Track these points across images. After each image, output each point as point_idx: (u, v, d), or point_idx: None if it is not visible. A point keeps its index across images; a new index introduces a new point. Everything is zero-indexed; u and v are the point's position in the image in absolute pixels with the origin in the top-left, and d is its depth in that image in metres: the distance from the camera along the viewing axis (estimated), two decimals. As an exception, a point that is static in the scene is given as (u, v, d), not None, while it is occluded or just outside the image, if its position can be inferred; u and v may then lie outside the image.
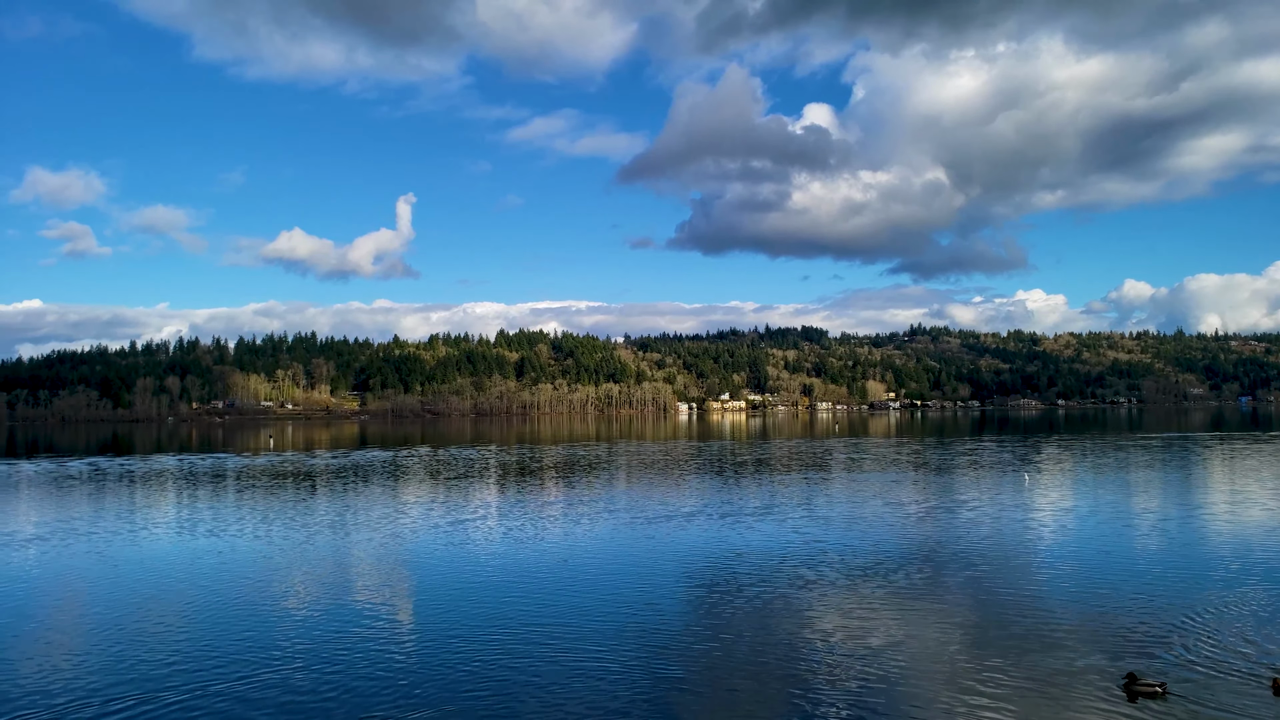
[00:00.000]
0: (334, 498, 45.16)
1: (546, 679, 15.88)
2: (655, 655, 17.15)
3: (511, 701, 14.82)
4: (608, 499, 42.95)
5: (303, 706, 14.65)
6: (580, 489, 48.26)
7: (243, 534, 33.06)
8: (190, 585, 24.25)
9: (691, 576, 24.59)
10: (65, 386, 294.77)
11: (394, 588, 23.86)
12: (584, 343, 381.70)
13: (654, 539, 30.84)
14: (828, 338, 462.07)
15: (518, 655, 17.31)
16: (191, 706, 14.71)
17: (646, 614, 20.36)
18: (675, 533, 32.07)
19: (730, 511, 37.52)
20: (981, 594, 21.99)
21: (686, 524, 34.14)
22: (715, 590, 22.82)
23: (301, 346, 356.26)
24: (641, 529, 33.10)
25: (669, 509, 38.61)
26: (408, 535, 32.44)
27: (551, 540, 30.86)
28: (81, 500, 45.61)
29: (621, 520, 35.45)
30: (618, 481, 52.82)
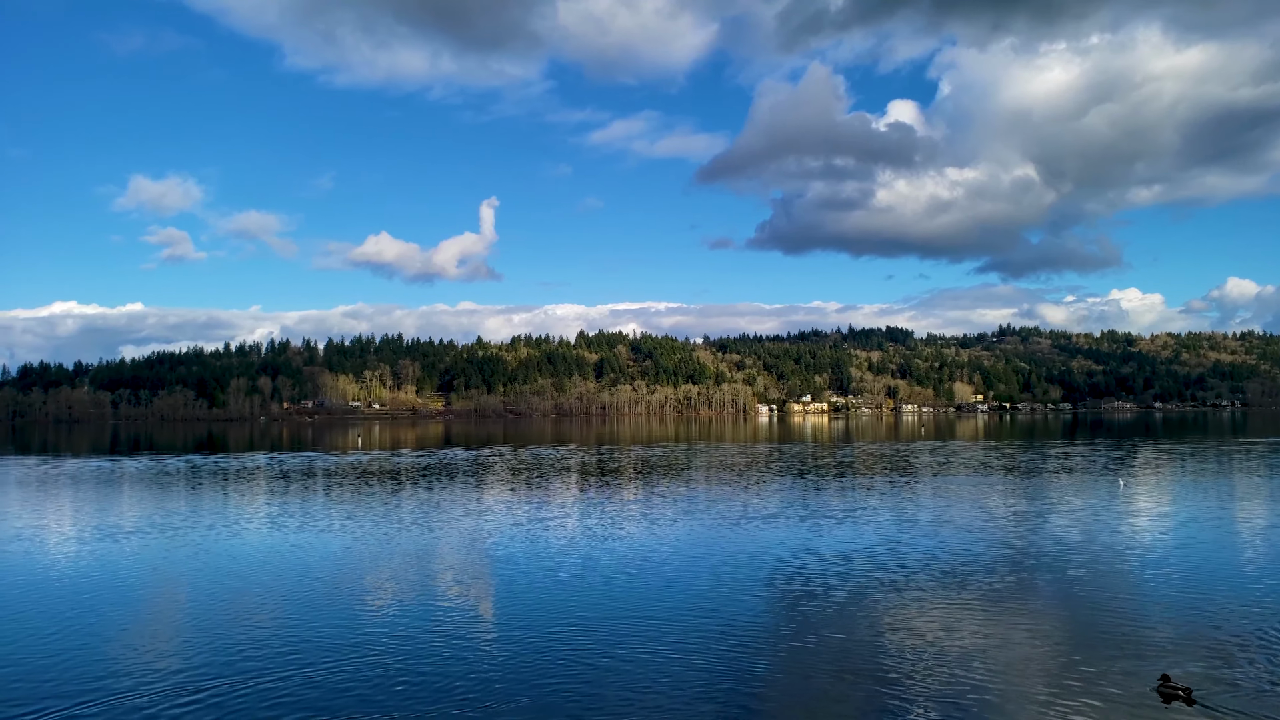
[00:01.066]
0: (419, 496, 46.11)
1: (628, 676, 15.89)
2: (736, 656, 17.01)
3: (593, 697, 14.87)
4: (687, 500, 42.84)
5: (387, 698, 14.96)
6: (660, 489, 48.27)
7: (331, 530, 34.01)
8: (280, 578, 25.03)
9: (772, 578, 24.33)
10: (164, 386, 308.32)
11: (477, 583, 24.21)
12: (663, 344, 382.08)
13: (734, 540, 30.62)
14: (913, 338, 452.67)
15: (599, 652, 17.37)
16: (281, 691, 15.19)
17: (727, 614, 20.21)
18: (756, 534, 31.79)
19: (812, 514, 37.03)
20: (1071, 601, 21.21)
21: (767, 525, 33.80)
22: (796, 592, 22.52)
23: (388, 348, 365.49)
24: (722, 530, 32.91)
25: (750, 510, 38.30)
26: (490, 533, 32.90)
27: (632, 539, 30.91)
28: (179, 496, 47.60)
29: (701, 521, 35.29)
30: (697, 482, 52.66)
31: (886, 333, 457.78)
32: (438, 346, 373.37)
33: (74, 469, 67.98)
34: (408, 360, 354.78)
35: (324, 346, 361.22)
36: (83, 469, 67.79)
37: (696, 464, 68.09)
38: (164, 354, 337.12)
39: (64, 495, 48.42)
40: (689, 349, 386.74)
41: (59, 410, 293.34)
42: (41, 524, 36.48)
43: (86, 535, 33.11)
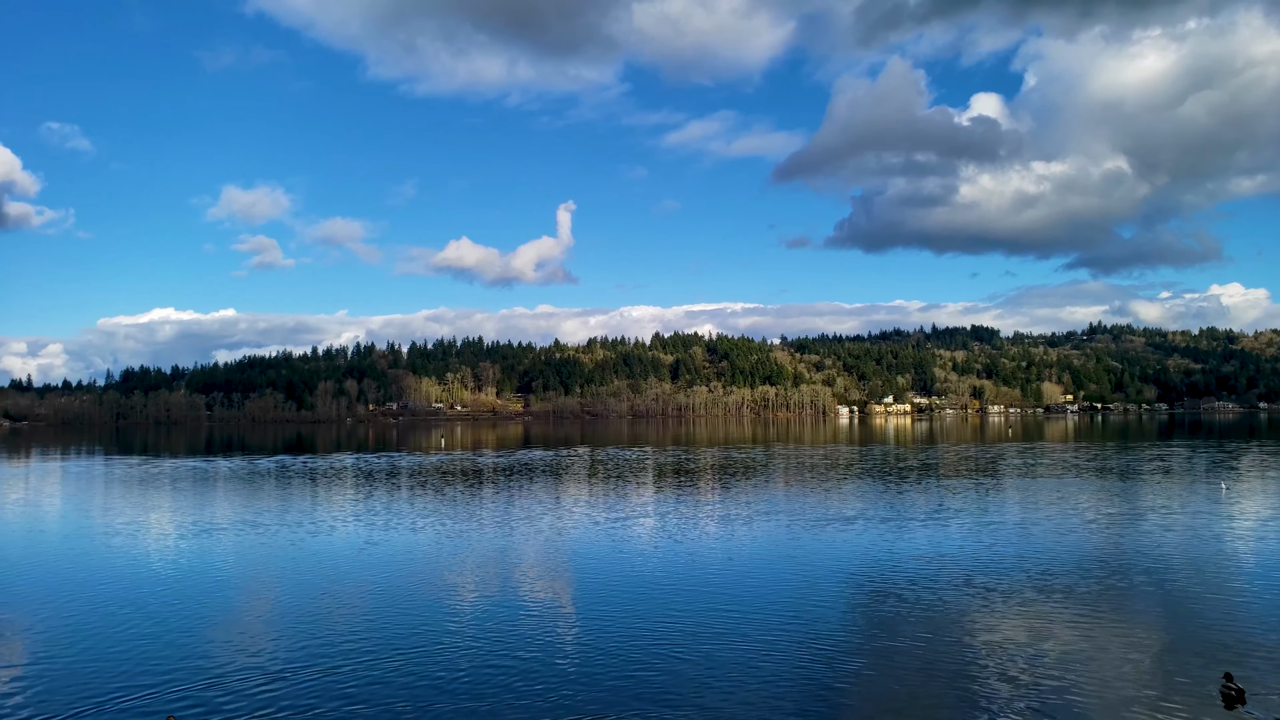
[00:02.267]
0: (501, 495, 46.73)
1: (708, 673, 15.81)
2: (819, 655, 16.78)
3: (673, 693, 14.84)
4: (766, 501, 42.44)
5: (471, 688, 15.16)
6: (738, 491, 47.95)
7: (415, 528, 34.69)
8: (366, 573, 25.63)
9: (855, 579, 23.92)
10: (255, 390, 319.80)
11: (558, 580, 24.38)
12: (739, 345, 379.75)
13: (815, 541, 30.21)
14: (999, 337, 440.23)
15: (679, 648, 17.34)
16: (367, 679, 15.54)
17: (809, 614, 19.95)
18: (837, 535, 31.30)
19: (894, 516, 36.30)
20: (1167, 606, 20.32)
21: (849, 527, 33.26)
22: (879, 593, 22.10)
23: (469, 350, 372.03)
24: (802, 531, 32.50)
25: (830, 512, 37.75)
26: (570, 531, 33.13)
27: (711, 539, 30.76)
28: (270, 495, 49.20)
29: (781, 522, 34.92)
30: (776, 484, 52.15)
31: (971, 332, 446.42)
32: (516, 349, 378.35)
33: (172, 469, 70.91)
34: (488, 363, 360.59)
35: (408, 350, 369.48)
36: (180, 469, 70.65)
37: (775, 466, 67.46)
38: (255, 358, 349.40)
39: (163, 493, 50.52)
40: (766, 350, 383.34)
41: (158, 412, 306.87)
42: (143, 520, 38.12)
43: (184, 531, 34.45)
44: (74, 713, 14.29)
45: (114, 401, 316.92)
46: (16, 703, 14.79)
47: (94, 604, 22.12)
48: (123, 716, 14.07)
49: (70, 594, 23.41)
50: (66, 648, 18.13)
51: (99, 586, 24.28)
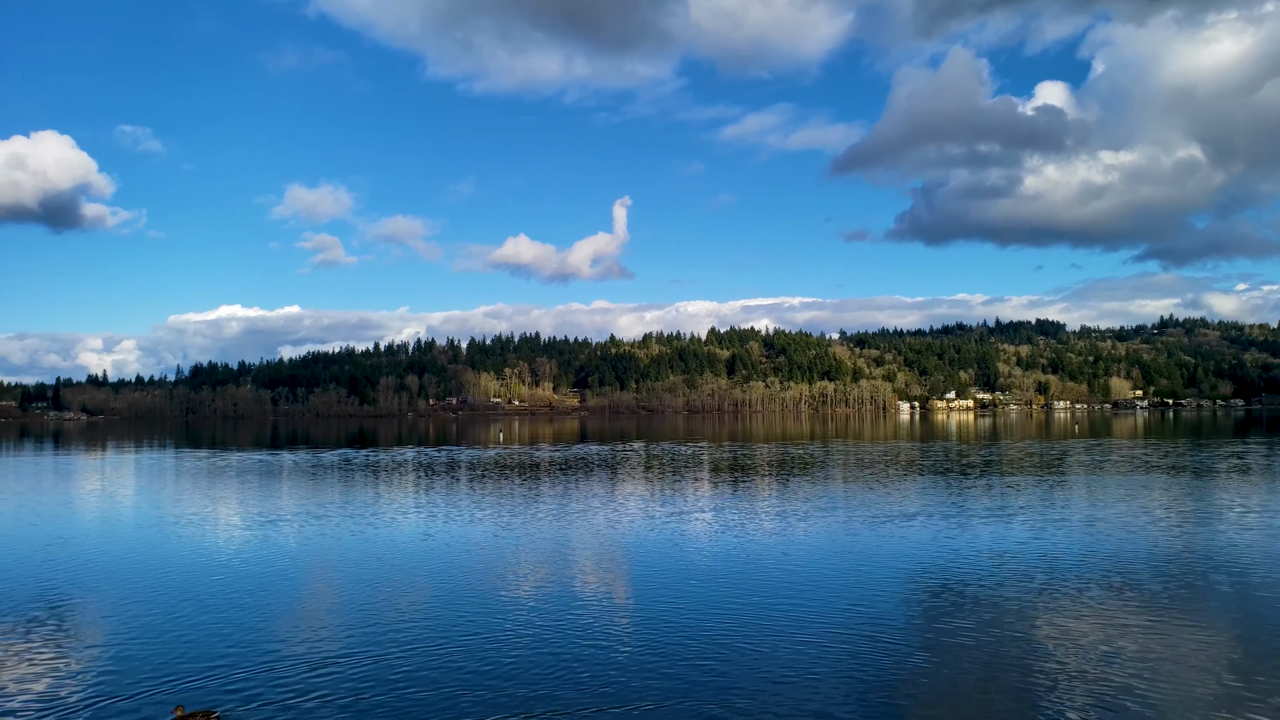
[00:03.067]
0: (557, 489, 46.95)
1: (764, 669, 15.64)
2: (877, 654, 16.47)
3: (728, 688, 14.70)
4: (824, 496, 41.93)
5: (525, 680, 15.19)
6: (795, 486, 47.47)
7: (474, 520, 35.02)
8: (425, 565, 25.91)
9: (915, 576, 23.46)
10: (319, 384, 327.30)
11: (613, 574, 24.36)
12: (797, 339, 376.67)
13: (874, 537, 29.73)
14: (1065, 331, 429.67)
15: (735, 643, 17.21)
16: (424, 669, 15.67)
17: (868, 611, 19.61)
18: (897, 532, 30.77)
19: (956, 512, 35.57)
20: (1245, 609, 19.52)
21: (909, 523, 32.68)
22: (940, 591, 21.64)
23: (527, 346, 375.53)
24: (861, 527, 32.02)
25: (890, 508, 37.15)
26: (626, 525, 33.12)
27: (767, 534, 30.47)
28: (333, 488, 50.12)
29: (839, 517, 34.47)
30: (834, 479, 51.53)
31: (1036, 326, 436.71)
32: (573, 344, 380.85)
33: (239, 462, 72.75)
34: (544, 358, 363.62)
35: (466, 346, 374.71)
36: (246, 462, 72.45)
37: (833, 461, 66.69)
38: (319, 354, 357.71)
39: (230, 486, 51.83)
40: (824, 345, 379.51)
41: (225, 406, 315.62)
42: (210, 511, 39.15)
43: (250, 522, 35.27)
44: (142, 690, 14.69)
45: (184, 396, 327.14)
46: (90, 679, 15.26)
47: (163, 590, 22.74)
48: (186, 695, 14.39)
49: (142, 581, 24.10)
50: (137, 631, 18.65)
51: (168, 574, 24.96)
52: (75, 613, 20.70)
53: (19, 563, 27.10)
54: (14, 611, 20.70)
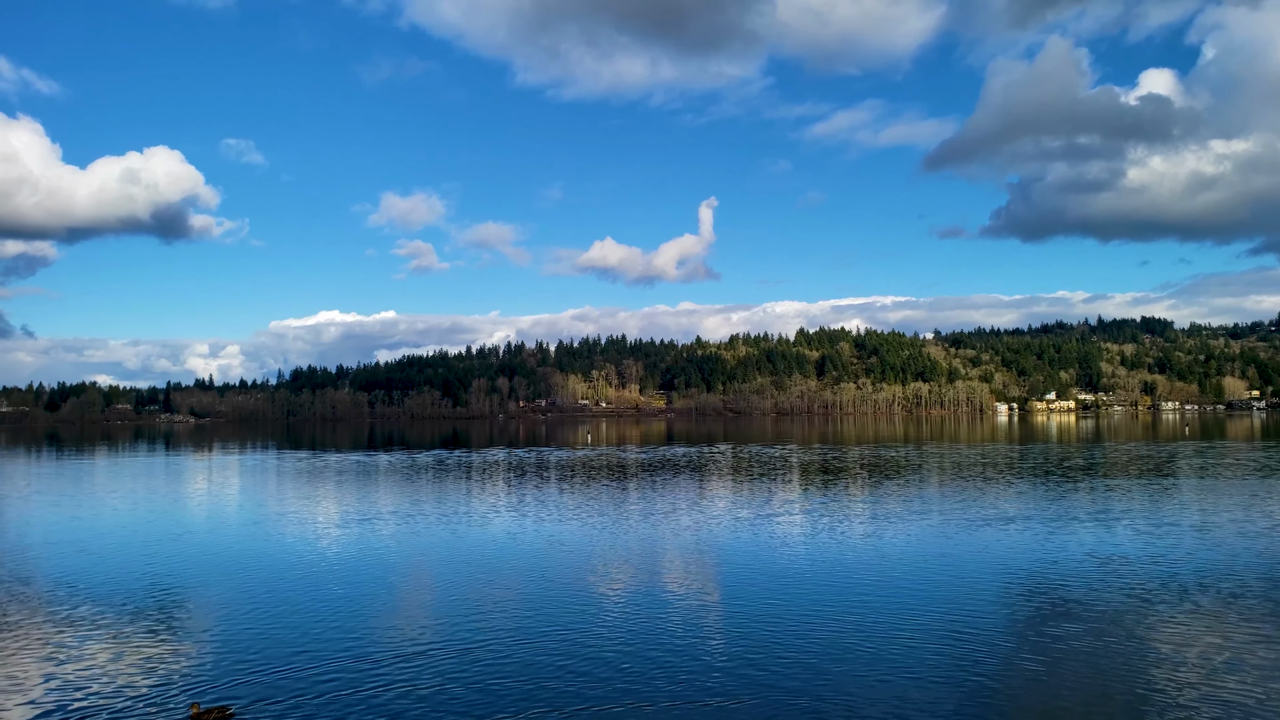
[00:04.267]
0: (644, 489, 46.96)
1: (858, 671, 15.29)
2: (973, 659, 15.91)
3: (823, 690, 14.42)
4: (919, 499, 40.85)
5: (615, 677, 15.17)
6: (888, 489, 46.40)
7: (563, 519, 35.27)
8: (515, 561, 26.20)
9: (1013, 580, 22.60)
10: (414, 387, 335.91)
11: (702, 574, 24.17)
12: (889, 340, 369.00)
13: (971, 541, 28.80)
14: (1173, 329, 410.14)
15: (828, 646, 16.89)
16: (511, 660, 15.81)
17: (964, 616, 18.98)
18: (994, 536, 29.75)
19: (1056, 516, 34.20)
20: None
21: (1007, 527, 31.55)
22: (1039, 596, 20.80)
23: (613, 348, 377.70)
24: (957, 530, 31.07)
25: (987, 512, 35.95)
26: (714, 526, 32.87)
27: (859, 537, 29.82)
28: (427, 487, 51.19)
29: (934, 520, 33.51)
30: (929, 482, 50.18)
31: (1141, 323, 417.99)
32: (659, 346, 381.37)
33: (337, 463, 75.04)
34: (631, 360, 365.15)
35: (555, 348, 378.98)
36: (344, 463, 74.67)
37: (928, 464, 65.01)
38: (413, 357, 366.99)
39: (329, 486, 53.47)
40: (918, 345, 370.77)
41: (324, 409, 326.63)
42: (311, 510, 40.45)
43: (348, 520, 36.27)
44: (243, 679, 15.19)
45: (285, 399, 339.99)
46: (196, 669, 15.85)
47: (264, 583, 23.60)
48: (284, 683, 14.83)
49: (243, 575, 25.07)
50: (241, 623, 19.37)
51: (269, 569, 25.88)
52: (180, 603, 21.61)
53: (134, 557, 28.43)
54: (127, 601, 21.72)
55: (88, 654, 17.22)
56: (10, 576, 25.24)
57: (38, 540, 32.40)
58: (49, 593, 22.99)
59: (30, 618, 20.24)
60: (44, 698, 14.68)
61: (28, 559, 28.38)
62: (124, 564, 27.09)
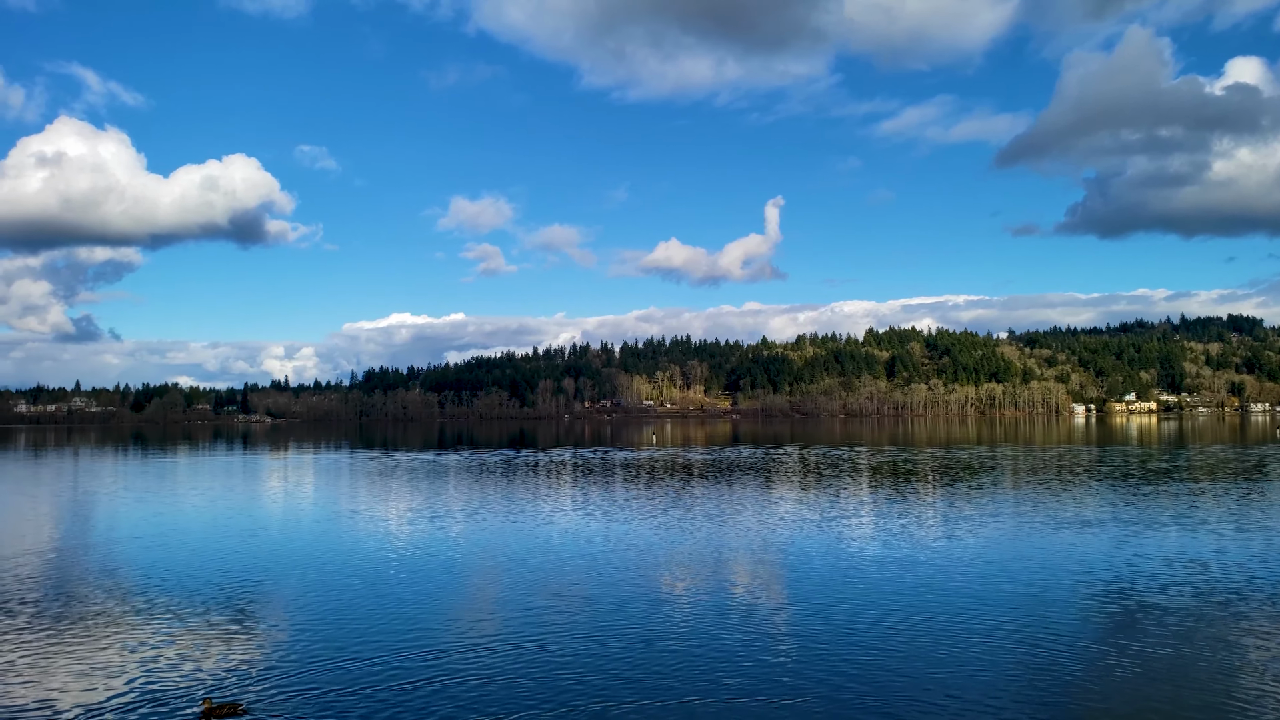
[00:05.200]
0: (710, 490, 46.76)
1: (930, 673, 14.99)
2: (1050, 667, 15.48)
3: (894, 690, 14.17)
4: (991, 501, 39.85)
5: (681, 676, 15.08)
6: (960, 491, 45.38)
7: (628, 519, 35.35)
8: (581, 559, 26.34)
9: (1091, 586, 21.91)
10: (482, 388, 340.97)
11: (768, 574, 23.96)
12: (961, 339, 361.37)
13: (1047, 545, 28.01)
14: (1262, 328, 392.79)
15: (898, 647, 16.63)
16: (579, 654, 15.85)
17: (1039, 621, 18.46)
18: (1072, 540, 28.89)
19: (1138, 520, 33.06)
20: None
21: (1084, 532, 30.60)
22: (1119, 601, 20.14)
23: (678, 349, 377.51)
24: (1033, 534, 30.24)
25: (1064, 515, 34.92)
26: (781, 527, 32.55)
27: (930, 539, 29.23)
28: (495, 486, 51.79)
29: (1008, 523, 32.66)
30: (1003, 485, 48.94)
31: (1228, 322, 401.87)
32: (724, 347, 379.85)
33: (408, 462, 76.41)
34: (695, 361, 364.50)
35: (619, 349, 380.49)
36: (415, 462, 75.99)
37: (1002, 466, 63.45)
38: (481, 358, 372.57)
39: (400, 484, 54.45)
40: (991, 344, 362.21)
41: (396, 409, 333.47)
42: (383, 508, 41.24)
43: (417, 517, 36.88)
44: (316, 669, 15.53)
45: (357, 400, 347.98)
46: (271, 661, 16.27)
47: (335, 579, 24.13)
48: (355, 673, 15.13)
49: (316, 570, 25.66)
50: (315, 616, 19.81)
51: (340, 563, 26.48)
52: (250, 596, 22.21)
53: (210, 551, 29.34)
54: (207, 594, 22.38)
55: (156, 642, 17.81)
56: (96, 568, 26.26)
57: (124, 534, 33.64)
58: (128, 583, 23.83)
59: (110, 606, 21.01)
60: (108, 683, 15.19)
61: (113, 551, 29.48)
62: (199, 558, 27.96)
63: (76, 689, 15.04)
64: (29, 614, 20.46)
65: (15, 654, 17.16)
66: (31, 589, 23.30)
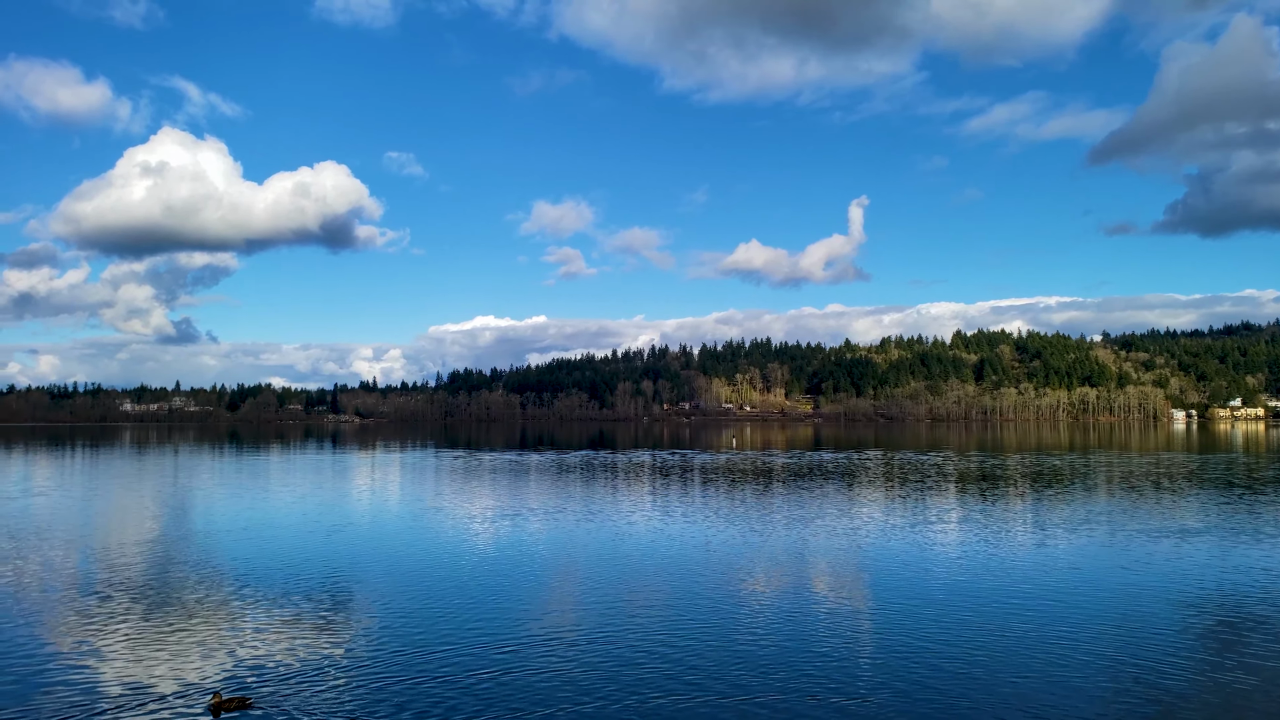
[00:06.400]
0: (791, 494, 46.15)
1: (1016, 685, 14.39)
2: (1151, 681, 14.68)
3: (978, 701, 13.64)
4: (1085, 508, 38.31)
5: (759, 680, 14.82)
6: (1052, 497, 43.79)
7: (708, 520, 35.13)
8: (659, 560, 26.20)
9: (1195, 596, 20.86)
10: (562, 390, 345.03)
11: (850, 580, 23.46)
12: (1053, 342, 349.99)
13: (1147, 554, 26.79)
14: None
15: (984, 656, 16.04)
16: (656, 651, 15.70)
17: (1139, 633, 17.60)
18: (1171, 548, 27.60)
19: (1241, 530, 31.43)
20: None
21: (1187, 540, 29.22)
22: (1218, 613, 19.13)
23: (758, 351, 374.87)
24: (1130, 542, 28.98)
25: (1163, 524, 33.39)
26: (864, 532, 31.90)
27: (1019, 547, 28.26)
28: (575, 486, 52.13)
29: (1103, 531, 31.38)
30: (1097, 492, 47.06)
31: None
32: (805, 349, 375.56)
33: (490, 461, 77.56)
34: (776, 363, 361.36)
35: (698, 351, 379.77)
36: (498, 461, 77.07)
37: (1096, 473, 61.05)
38: (561, 360, 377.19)
39: (483, 482, 55.25)
40: (1085, 347, 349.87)
41: (479, 410, 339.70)
42: (466, 505, 41.89)
43: (499, 515, 37.32)
44: (402, 659, 15.77)
45: (442, 400, 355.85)
46: (355, 651, 16.58)
47: (419, 573, 24.52)
48: (435, 664, 15.31)
49: (397, 565, 26.12)
50: (390, 608, 20.15)
51: (425, 559, 26.91)
52: (338, 589, 22.70)
53: (300, 546, 30.17)
54: (291, 586, 23.00)
55: (237, 630, 18.31)
56: (190, 558, 27.25)
57: (220, 527, 34.86)
58: (217, 574, 24.63)
59: (200, 596, 21.76)
60: (191, 667, 15.66)
61: (207, 544, 30.56)
62: (287, 551, 28.77)
63: (162, 672, 15.56)
64: (126, 600, 21.32)
65: (108, 636, 17.89)
66: (129, 577, 24.30)
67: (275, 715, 13.56)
